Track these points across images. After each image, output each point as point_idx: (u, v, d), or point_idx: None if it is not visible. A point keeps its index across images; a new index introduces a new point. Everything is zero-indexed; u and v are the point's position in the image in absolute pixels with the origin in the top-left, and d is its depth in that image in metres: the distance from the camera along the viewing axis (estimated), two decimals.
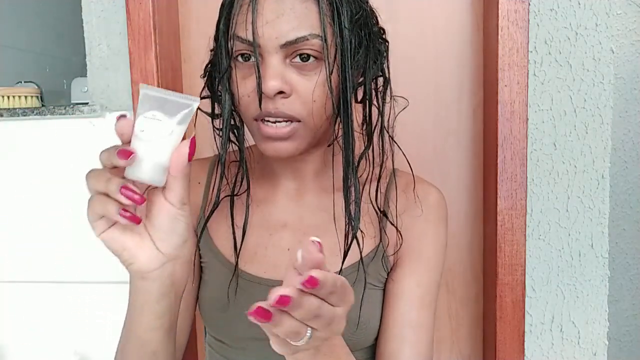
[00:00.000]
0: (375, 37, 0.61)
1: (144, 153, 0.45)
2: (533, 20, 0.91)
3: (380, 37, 0.63)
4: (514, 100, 0.91)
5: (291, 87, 0.56)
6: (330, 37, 0.56)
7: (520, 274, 0.93)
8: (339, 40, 0.56)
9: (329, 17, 0.55)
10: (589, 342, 0.96)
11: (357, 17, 0.57)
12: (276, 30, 0.54)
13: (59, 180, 1.03)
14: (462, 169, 1.05)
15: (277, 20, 0.54)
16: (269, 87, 0.55)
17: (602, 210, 0.93)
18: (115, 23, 0.99)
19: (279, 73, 0.55)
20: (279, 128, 0.57)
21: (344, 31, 0.55)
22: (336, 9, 0.55)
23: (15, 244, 1.07)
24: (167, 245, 0.49)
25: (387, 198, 0.68)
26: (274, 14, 0.54)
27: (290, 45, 0.55)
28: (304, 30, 0.54)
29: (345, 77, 0.57)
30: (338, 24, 0.55)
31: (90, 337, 1.07)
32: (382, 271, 0.67)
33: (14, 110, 1.02)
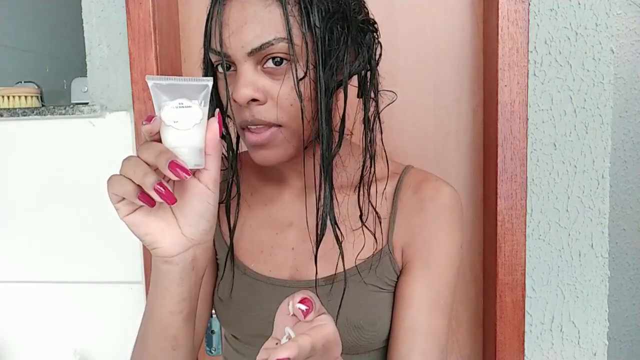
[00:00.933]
0: (356, 31, 0.59)
1: (181, 142, 0.45)
2: (533, 20, 0.91)
3: (366, 29, 0.61)
4: (514, 100, 0.91)
5: (265, 93, 0.56)
6: (299, 38, 0.55)
7: (520, 274, 0.93)
8: (309, 40, 0.55)
9: (297, 17, 0.54)
10: (589, 342, 0.96)
11: (332, 12, 0.56)
12: (241, 39, 0.54)
13: (59, 180, 1.03)
14: (462, 169, 1.04)
15: (241, 30, 0.54)
16: (240, 95, 0.55)
17: (602, 210, 0.93)
18: (115, 23, 0.99)
19: (250, 81, 0.55)
20: (260, 134, 0.57)
21: (314, 30, 0.54)
22: (304, 9, 0.54)
23: (15, 244, 1.07)
24: (194, 230, 0.49)
25: (396, 197, 0.66)
26: (237, 24, 0.55)
27: (257, 52, 0.54)
28: (267, 35, 0.54)
29: (318, 78, 0.55)
30: (307, 23, 0.54)
31: (90, 337, 1.07)
32: (389, 274, 0.64)
33: (14, 110, 1.02)
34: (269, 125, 0.57)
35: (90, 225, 1.03)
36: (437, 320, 0.62)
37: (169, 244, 0.49)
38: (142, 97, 0.97)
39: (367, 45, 0.60)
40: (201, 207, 0.49)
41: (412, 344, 0.61)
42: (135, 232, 0.49)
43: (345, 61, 0.58)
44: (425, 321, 0.62)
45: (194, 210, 0.48)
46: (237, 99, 0.55)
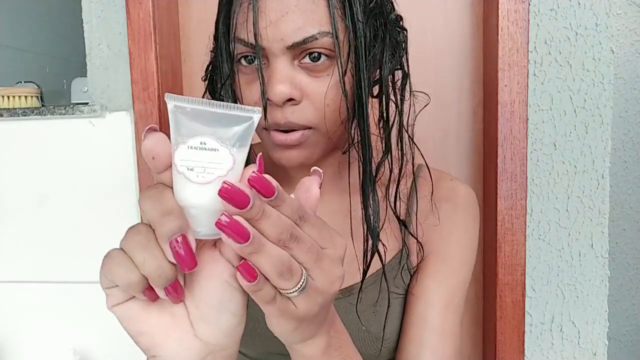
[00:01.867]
0: (392, 27, 0.55)
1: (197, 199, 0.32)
2: (533, 20, 0.91)
3: (398, 26, 0.57)
4: (514, 100, 0.91)
5: (301, 91, 0.50)
6: (342, 32, 0.50)
7: (520, 274, 0.93)
8: (352, 36, 0.50)
9: (339, 10, 0.49)
10: (589, 342, 0.96)
11: (372, 6, 0.51)
12: (281, 31, 0.48)
13: (59, 180, 1.03)
14: (462, 169, 1.04)
15: (282, 20, 0.48)
16: (276, 94, 0.49)
17: (602, 210, 0.93)
18: (115, 23, 0.99)
19: (287, 77, 0.49)
20: (290, 135, 0.51)
21: (357, 25, 0.49)
22: (347, 1, 0.49)
23: (15, 244, 1.06)
24: (212, 329, 0.35)
25: (410, 198, 0.63)
26: (277, 13, 0.48)
27: (298, 47, 0.49)
28: (311, 28, 0.48)
29: (360, 77, 0.51)
30: (350, 17, 0.49)
31: (90, 337, 1.07)
32: (406, 277, 0.62)
33: (14, 110, 1.02)
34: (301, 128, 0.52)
35: (90, 225, 1.03)
36: (450, 319, 0.59)
37: (175, 351, 0.35)
38: (142, 97, 0.97)
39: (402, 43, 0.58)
40: (223, 294, 0.35)
41: (423, 341, 0.57)
42: (127, 329, 0.37)
43: (384, 59, 0.54)
44: (438, 319, 0.58)
45: (213, 299, 0.35)
46: (273, 97, 0.49)
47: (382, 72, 0.54)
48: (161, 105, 0.97)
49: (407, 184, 0.63)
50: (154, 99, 0.96)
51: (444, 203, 0.62)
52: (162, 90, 0.97)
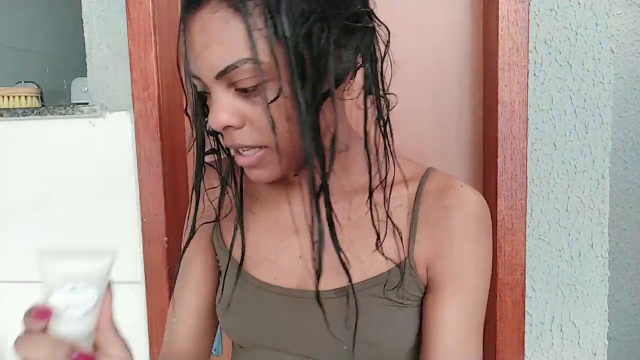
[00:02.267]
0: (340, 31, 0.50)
1: (70, 331, 0.43)
2: (533, 20, 0.91)
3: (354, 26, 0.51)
4: (514, 100, 0.91)
5: (242, 117, 0.51)
6: (266, 54, 0.47)
7: (520, 274, 0.93)
8: (278, 55, 0.47)
9: (263, 30, 0.47)
10: (589, 342, 0.96)
11: (308, 13, 0.47)
12: (206, 62, 0.49)
13: (59, 180, 1.03)
14: (462, 169, 1.04)
15: (205, 52, 0.49)
16: (215, 122, 0.51)
17: (602, 210, 0.93)
18: (115, 23, 0.99)
19: (224, 106, 0.50)
20: (247, 157, 0.53)
21: (285, 41, 0.47)
22: (270, 19, 0.46)
23: (15, 244, 1.06)
24: None
25: (416, 204, 0.59)
26: (200, 46, 0.49)
27: (224, 75, 0.49)
28: (231, 57, 0.48)
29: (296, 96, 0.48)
30: (274, 36, 0.47)
31: None
32: (411, 289, 0.58)
33: (14, 110, 1.02)
34: (252, 147, 0.52)
35: (90, 225, 1.03)
36: (470, 340, 0.57)
37: None
38: (142, 97, 0.97)
39: (353, 46, 0.52)
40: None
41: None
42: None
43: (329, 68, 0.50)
44: (460, 347, 0.56)
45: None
46: (213, 125, 0.51)
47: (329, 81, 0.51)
48: (161, 105, 0.97)
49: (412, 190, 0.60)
50: (154, 99, 0.97)
51: (454, 212, 0.58)
52: (162, 90, 0.97)
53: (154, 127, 0.97)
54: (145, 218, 1.00)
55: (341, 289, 0.58)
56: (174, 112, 1.03)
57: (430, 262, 0.58)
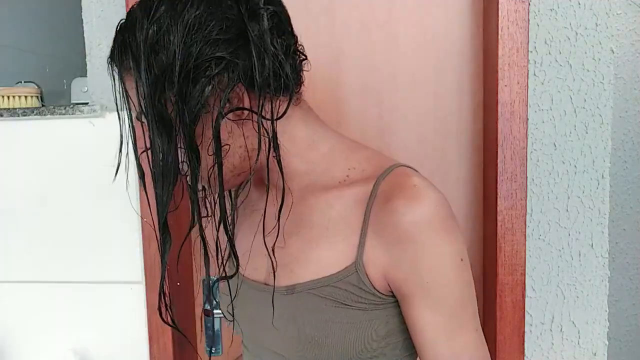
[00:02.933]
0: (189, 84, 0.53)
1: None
2: (533, 20, 0.91)
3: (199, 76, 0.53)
4: (514, 100, 0.91)
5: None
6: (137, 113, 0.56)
7: (520, 274, 0.93)
8: (142, 113, 0.55)
9: (133, 89, 0.56)
10: (589, 342, 0.96)
11: (156, 71, 0.53)
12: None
13: (59, 180, 1.03)
14: (462, 169, 1.04)
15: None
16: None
17: (602, 210, 0.93)
18: (115, 23, 0.98)
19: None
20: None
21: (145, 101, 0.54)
22: (136, 73, 0.54)
23: (15, 244, 1.06)
24: None
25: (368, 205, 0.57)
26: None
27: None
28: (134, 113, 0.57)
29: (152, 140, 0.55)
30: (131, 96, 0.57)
31: (90, 337, 1.07)
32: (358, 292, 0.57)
33: (14, 110, 1.02)
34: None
35: (90, 225, 1.03)
36: (458, 340, 0.56)
37: None
38: None
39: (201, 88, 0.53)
40: None
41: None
42: None
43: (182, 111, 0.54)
44: (445, 347, 0.56)
45: None
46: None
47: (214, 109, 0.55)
48: None
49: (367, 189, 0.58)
50: None
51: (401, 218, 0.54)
52: None
53: None
54: (145, 218, 1.00)
55: (290, 286, 0.59)
56: None
57: (387, 268, 0.56)
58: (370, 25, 1.03)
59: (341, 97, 1.05)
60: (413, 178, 0.56)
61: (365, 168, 0.60)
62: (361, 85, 1.04)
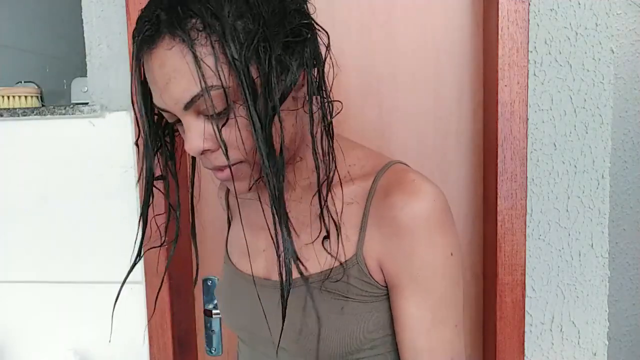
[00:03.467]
0: (281, 49, 0.53)
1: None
2: (533, 20, 0.91)
3: (294, 42, 0.54)
4: (514, 100, 0.91)
5: (214, 141, 0.54)
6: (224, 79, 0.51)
7: (520, 274, 0.93)
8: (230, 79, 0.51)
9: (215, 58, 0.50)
10: (589, 342, 0.96)
11: (252, 35, 0.51)
12: (171, 96, 0.52)
13: (59, 180, 1.03)
14: (462, 169, 1.04)
15: (168, 87, 0.52)
16: (191, 149, 0.54)
17: (602, 210, 0.93)
18: (115, 23, 0.99)
19: (198, 132, 0.54)
20: (224, 172, 0.57)
21: (234, 65, 0.50)
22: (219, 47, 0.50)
23: (15, 244, 1.07)
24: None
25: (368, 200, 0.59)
26: (163, 81, 0.52)
27: (192, 105, 0.52)
28: (194, 87, 0.51)
29: (251, 115, 0.51)
30: (224, 62, 0.50)
31: (90, 337, 1.07)
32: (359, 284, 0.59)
33: (14, 110, 1.02)
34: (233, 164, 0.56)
35: (90, 225, 1.03)
36: (437, 335, 0.58)
37: None
38: None
39: (296, 59, 0.54)
40: None
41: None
42: None
43: (275, 84, 0.52)
44: (424, 340, 0.58)
45: None
46: (190, 152, 0.54)
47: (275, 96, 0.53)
48: None
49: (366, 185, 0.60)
50: None
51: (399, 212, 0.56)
52: None
53: None
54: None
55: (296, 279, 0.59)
56: None
57: (383, 260, 0.58)
58: (370, 25, 1.03)
59: (341, 97, 1.05)
60: (410, 174, 0.59)
61: (364, 165, 0.63)
62: (361, 85, 1.04)
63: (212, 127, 0.53)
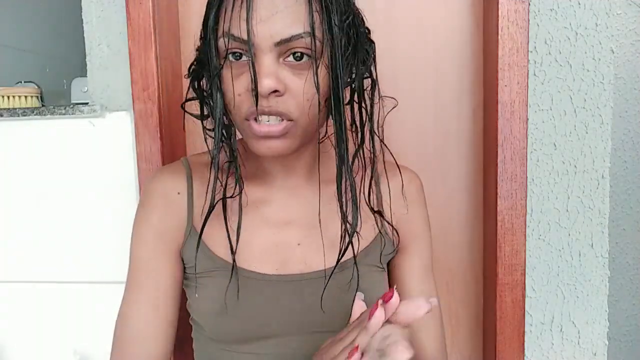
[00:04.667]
0: (362, 38, 0.62)
1: None
2: (533, 20, 0.91)
3: (367, 38, 0.64)
4: (514, 100, 0.91)
5: (285, 86, 0.56)
6: (320, 36, 0.56)
7: (520, 274, 0.93)
8: (330, 39, 0.56)
9: (319, 15, 0.55)
10: (589, 342, 0.96)
11: (346, 16, 0.58)
12: (271, 28, 0.54)
13: (59, 180, 1.03)
14: (462, 169, 1.04)
15: (272, 18, 0.54)
16: (263, 86, 0.55)
17: (602, 210, 0.93)
18: (115, 23, 0.99)
19: (273, 72, 0.55)
20: (273, 125, 0.57)
21: (333, 29, 0.55)
22: (326, 8, 0.55)
23: (15, 244, 1.07)
24: None
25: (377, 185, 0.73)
26: (268, 12, 0.54)
27: (285, 44, 0.55)
28: (297, 28, 0.54)
29: (337, 75, 0.57)
30: (328, 23, 0.55)
31: (90, 337, 1.07)
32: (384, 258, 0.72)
33: (14, 110, 1.02)
34: (283, 117, 0.57)
35: (90, 225, 1.03)
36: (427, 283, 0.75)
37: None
38: (142, 97, 0.97)
39: (371, 53, 0.63)
40: None
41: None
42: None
43: (357, 64, 0.60)
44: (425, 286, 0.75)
45: None
46: (260, 89, 0.55)
47: (356, 75, 0.62)
48: (161, 105, 0.97)
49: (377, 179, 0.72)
50: (154, 99, 0.96)
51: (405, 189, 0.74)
52: (162, 90, 0.97)
53: (154, 127, 0.97)
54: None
55: (342, 263, 0.65)
56: (174, 112, 1.03)
57: (399, 225, 0.74)
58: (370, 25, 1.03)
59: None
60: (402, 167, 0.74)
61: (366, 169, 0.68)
62: None
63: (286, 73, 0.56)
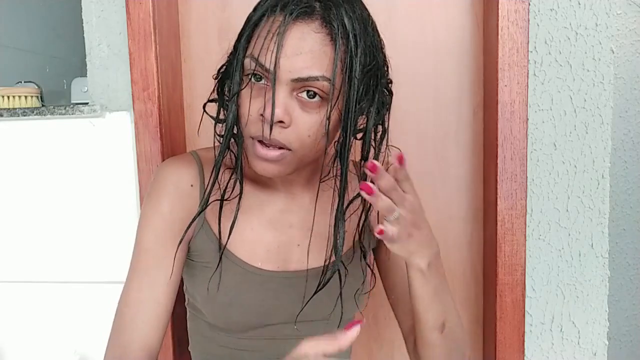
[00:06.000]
0: (381, 89, 0.65)
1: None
2: (533, 20, 0.91)
3: (386, 89, 0.67)
4: (514, 100, 0.91)
5: (291, 118, 0.60)
6: (338, 82, 0.60)
7: (520, 274, 0.93)
8: (347, 88, 0.60)
9: (342, 63, 0.59)
10: (589, 342, 0.96)
11: (369, 67, 0.61)
12: (292, 65, 0.58)
13: (59, 180, 1.03)
14: (462, 169, 1.04)
15: (296, 57, 0.58)
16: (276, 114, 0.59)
17: (602, 210, 0.93)
18: (115, 23, 0.99)
19: (284, 103, 0.59)
20: (270, 151, 0.62)
21: (353, 80, 0.59)
22: (350, 58, 0.59)
23: (15, 244, 1.07)
24: None
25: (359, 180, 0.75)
26: (293, 50, 0.58)
27: (300, 82, 0.59)
28: (316, 70, 0.58)
29: (347, 123, 0.61)
30: (349, 72, 0.59)
31: (90, 337, 1.07)
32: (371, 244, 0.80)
33: (14, 110, 1.02)
34: (282, 147, 0.61)
35: (90, 225, 1.03)
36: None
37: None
38: (142, 97, 0.97)
39: (387, 105, 0.66)
40: None
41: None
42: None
43: (370, 114, 0.64)
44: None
45: None
46: (267, 116, 0.59)
47: (367, 124, 0.65)
48: (161, 105, 0.97)
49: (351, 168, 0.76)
50: (154, 99, 0.96)
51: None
52: (162, 90, 0.97)
53: (154, 127, 0.97)
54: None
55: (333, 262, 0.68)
56: (174, 112, 1.03)
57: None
58: None
59: None
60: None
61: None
62: None
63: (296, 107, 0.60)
